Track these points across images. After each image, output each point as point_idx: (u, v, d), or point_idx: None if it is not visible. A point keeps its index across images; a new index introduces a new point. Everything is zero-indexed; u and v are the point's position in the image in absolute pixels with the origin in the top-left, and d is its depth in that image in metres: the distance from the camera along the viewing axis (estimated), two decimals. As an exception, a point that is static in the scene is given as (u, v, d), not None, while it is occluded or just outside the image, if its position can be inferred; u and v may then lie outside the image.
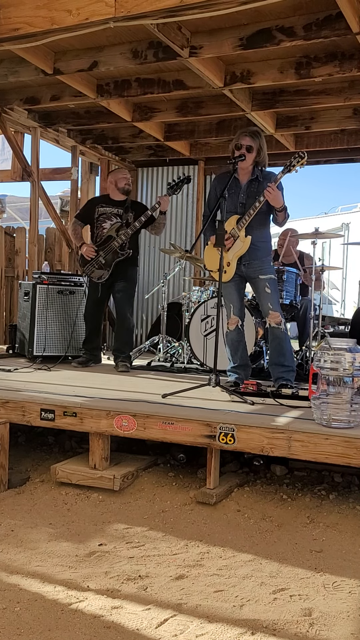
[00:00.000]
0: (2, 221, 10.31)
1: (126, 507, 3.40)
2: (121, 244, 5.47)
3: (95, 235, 5.65)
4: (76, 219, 5.85)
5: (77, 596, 2.40)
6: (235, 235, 4.38)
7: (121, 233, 5.47)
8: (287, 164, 4.31)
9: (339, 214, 15.62)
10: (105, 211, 5.63)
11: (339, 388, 3.33)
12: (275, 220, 4.48)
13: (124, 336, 5.71)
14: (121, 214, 5.60)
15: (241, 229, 4.37)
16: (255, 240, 4.40)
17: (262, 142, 4.41)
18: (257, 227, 4.41)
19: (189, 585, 2.53)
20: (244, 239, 4.37)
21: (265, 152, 4.44)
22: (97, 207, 5.66)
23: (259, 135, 4.43)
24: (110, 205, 5.64)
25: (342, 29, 4.35)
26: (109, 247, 5.49)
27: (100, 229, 5.60)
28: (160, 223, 5.60)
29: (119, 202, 5.65)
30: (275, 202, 4.26)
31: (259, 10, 4.29)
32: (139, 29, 4.59)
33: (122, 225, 5.52)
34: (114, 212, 5.61)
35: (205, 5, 3.75)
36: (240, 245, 4.39)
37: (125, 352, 5.71)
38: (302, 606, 2.36)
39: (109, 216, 5.61)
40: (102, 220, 5.61)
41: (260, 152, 4.40)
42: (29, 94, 6.36)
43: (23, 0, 4.03)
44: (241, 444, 3.37)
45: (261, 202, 4.29)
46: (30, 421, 3.91)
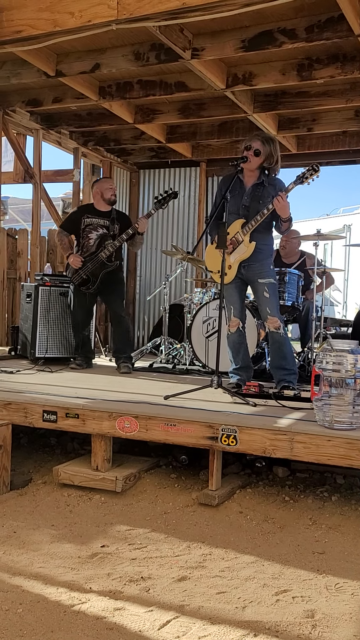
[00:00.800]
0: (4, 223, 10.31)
1: (128, 509, 3.40)
2: (108, 255, 5.52)
3: (82, 245, 5.67)
4: (62, 230, 5.86)
5: (79, 598, 2.40)
6: (239, 239, 4.38)
7: (108, 244, 5.51)
8: (300, 175, 4.30)
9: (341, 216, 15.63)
10: (91, 222, 5.65)
11: (341, 390, 3.33)
12: (279, 229, 4.47)
13: (122, 337, 5.75)
14: (107, 226, 5.64)
15: (246, 234, 4.36)
16: (256, 244, 4.40)
17: (274, 150, 4.37)
18: (260, 230, 4.40)
19: (191, 586, 2.53)
20: (249, 244, 4.37)
21: (277, 159, 4.40)
22: (83, 217, 5.68)
23: (271, 142, 4.39)
24: (97, 216, 5.67)
25: (344, 31, 4.36)
26: (96, 259, 5.53)
27: (87, 239, 5.62)
28: (138, 242, 5.69)
29: (105, 213, 5.68)
30: (282, 212, 4.25)
31: (261, 12, 4.29)
32: (141, 31, 4.59)
33: (108, 237, 5.57)
34: (100, 224, 5.64)
35: (207, 7, 3.76)
36: (244, 249, 4.39)
37: (126, 352, 5.73)
38: (304, 608, 2.35)
39: (95, 227, 5.63)
40: (89, 230, 5.64)
41: (270, 159, 4.37)
42: (31, 96, 6.38)
43: (26, 2, 4.04)
44: (243, 446, 3.37)
45: (269, 210, 4.28)
46: (32, 423, 3.91)
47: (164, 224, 8.62)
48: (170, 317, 6.96)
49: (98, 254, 5.51)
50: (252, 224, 4.33)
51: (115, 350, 5.82)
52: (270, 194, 4.37)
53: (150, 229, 8.66)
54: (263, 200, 4.36)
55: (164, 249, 8.28)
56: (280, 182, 4.45)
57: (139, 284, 8.83)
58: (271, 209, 4.28)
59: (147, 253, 8.74)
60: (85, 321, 5.80)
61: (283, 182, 4.45)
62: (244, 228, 4.36)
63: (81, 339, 5.84)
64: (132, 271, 8.81)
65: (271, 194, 4.36)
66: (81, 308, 5.74)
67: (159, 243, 8.62)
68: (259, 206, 4.36)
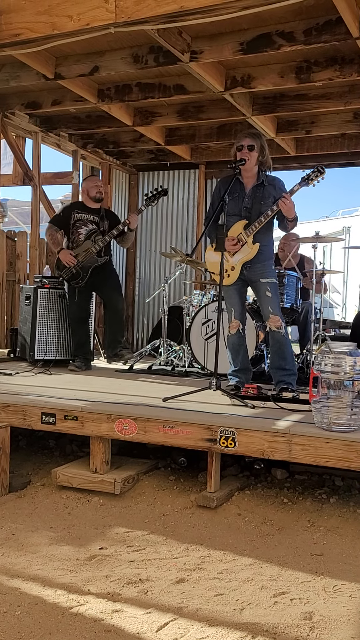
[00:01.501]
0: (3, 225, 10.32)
1: (127, 511, 3.40)
2: (99, 250, 5.59)
3: (72, 240, 5.75)
4: (52, 224, 5.90)
5: (77, 600, 2.40)
6: (243, 241, 4.39)
7: (99, 239, 5.60)
8: (305, 177, 4.32)
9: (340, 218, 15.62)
10: (81, 217, 5.74)
11: (339, 392, 3.33)
12: (285, 228, 4.49)
13: (119, 327, 5.85)
14: (97, 222, 5.72)
15: (249, 235, 4.37)
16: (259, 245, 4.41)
17: (263, 143, 4.41)
18: (262, 231, 4.40)
19: (189, 588, 2.53)
20: (252, 245, 4.38)
21: (267, 152, 4.44)
22: (73, 213, 5.76)
23: (259, 136, 4.44)
24: (86, 212, 5.77)
25: (342, 34, 4.37)
26: (86, 253, 5.59)
27: (77, 234, 5.71)
28: (129, 238, 5.81)
29: (94, 210, 5.78)
30: (288, 213, 4.27)
31: (259, 15, 4.30)
32: (140, 34, 4.60)
33: (98, 232, 5.65)
34: (90, 219, 5.74)
35: (205, 10, 3.76)
36: (247, 251, 4.39)
37: (121, 340, 5.83)
38: (302, 610, 2.36)
39: (85, 222, 5.73)
40: (78, 226, 5.72)
41: (264, 151, 4.39)
42: (30, 98, 6.39)
43: (24, 6, 4.05)
44: (242, 448, 3.37)
45: (274, 211, 4.29)
46: (31, 425, 3.92)
47: (163, 226, 8.62)
48: (169, 319, 6.96)
49: (88, 248, 5.57)
50: (255, 225, 4.34)
51: (113, 340, 5.86)
52: (271, 194, 4.38)
53: (149, 231, 8.68)
54: (264, 201, 4.37)
55: (163, 251, 8.28)
56: (280, 181, 4.47)
57: (138, 286, 8.84)
58: (276, 210, 4.28)
59: (146, 255, 8.75)
60: (79, 319, 5.81)
61: (283, 181, 4.46)
62: (248, 229, 4.37)
63: (79, 338, 5.84)
64: (131, 273, 8.81)
65: (272, 194, 4.38)
66: (75, 305, 5.78)
67: (158, 245, 8.63)
68: (261, 207, 4.37)
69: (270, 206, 4.32)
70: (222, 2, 3.62)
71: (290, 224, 4.38)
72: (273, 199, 4.36)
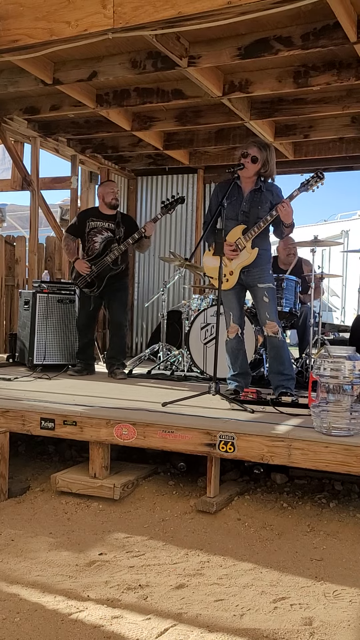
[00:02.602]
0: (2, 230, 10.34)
1: (126, 516, 3.39)
2: (114, 259, 5.54)
3: (87, 249, 5.69)
4: (68, 234, 5.87)
5: (77, 606, 2.40)
6: (241, 245, 4.39)
7: (114, 248, 5.53)
8: (304, 182, 4.33)
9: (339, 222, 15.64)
10: (96, 225, 5.67)
11: (338, 396, 3.33)
12: (280, 234, 4.49)
13: (119, 344, 5.80)
14: (113, 229, 5.65)
15: (248, 240, 4.37)
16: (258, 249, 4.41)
17: (270, 156, 4.39)
18: (260, 236, 4.41)
19: (189, 594, 2.52)
20: (251, 250, 4.38)
21: (272, 166, 4.42)
22: (88, 221, 5.70)
23: (267, 148, 4.41)
24: (101, 219, 5.68)
25: (339, 39, 4.38)
26: (101, 262, 5.55)
27: (92, 243, 5.65)
28: (145, 244, 5.73)
29: (110, 216, 5.70)
30: (286, 218, 4.29)
31: (257, 20, 4.31)
32: (138, 39, 4.62)
33: (114, 241, 5.58)
34: (105, 227, 5.66)
35: (203, 16, 3.76)
36: (246, 256, 4.40)
37: (121, 359, 5.79)
38: (302, 615, 2.35)
39: (100, 230, 5.65)
40: (94, 234, 5.65)
41: (267, 165, 4.38)
42: (28, 103, 6.40)
43: (22, 12, 4.06)
44: (241, 453, 3.37)
45: (273, 217, 4.29)
46: (30, 430, 3.91)
47: (162, 231, 8.63)
48: (168, 323, 6.96)
49: (104, 257, 5.52)
50: (254, 230, 4.34)
51: (111, 356, 5.84)
52: (268, 199, 4.39)
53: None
54: (262, 206, 4.38)
55: (162, 255, 8.29)
56: (277, 188, 4.48)
57: (137, 291, 8.84)
58: (275, 216, 4.29)
59: (145, 260, 8.75)
60: (86, 324, 5.80)
61: (280, 188, 4.48)
62: (246, 234, 4.37)
63: (83, 343, 5.84)
64: (130, 278, 8.81)
65: (269, 199, 4.39)
66: (85, 311, 5.76)
67: (156, 250, 8.63)
68: (259, 212, 4.37)
69: (268, 211, 4.33)
70: (219, 8, 3.63)
71: (287, 229, 4.39)
72: (270, 204, 4.37)
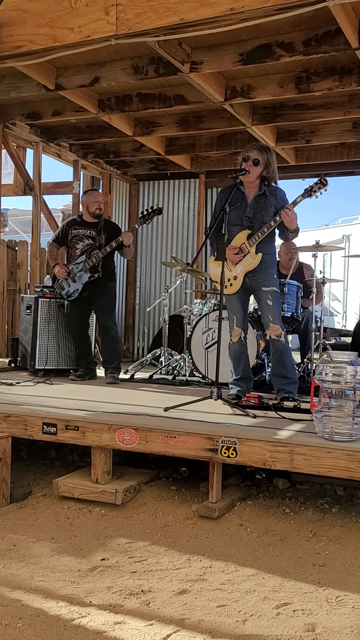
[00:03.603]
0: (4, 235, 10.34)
1: (128, 522, 3.39)
2: (92, 266, 5.58)
3: (70, 256, 5.78)
4: (52, 242, 5.94)
5: (79, 612, 2.40)
6: (245, 250, 4.40)
7: (93, 255, 5.58)
8: (308, 188, 4.33)
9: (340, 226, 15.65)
10: (78, 233, 5.74)
11: (340, 401, 3.33)
12: (286, 238, 4.51)
13: (108, 347, 5.80)
14: (94, 236, 5.69)
15: (252, 245, 4.38)
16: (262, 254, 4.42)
17: (270, 158, 4.41)
18: (264, 240, 4.41)
19: (191, 600, 2.52)
20: (255, 255, 4.39)
21: (274, 168, 4.44)
22: (71, 229, 5.76)
23: (267, 150, 4.43)
24: (83, 227, 5.74)
25: (341, 44, 4.40)
26: (80, 268, 5.61)
27: (74, 250, 5.73)
28: (127, 252, 5.77)
29: (92, 224, 5.75)
30: (290, 224, 4.30)
31: (259, 26, 4.33)
32: (140, 45, 4.63)
33: (94, 248, 5.62)
34: (87, 234, 5.72)
35: (205, 22, 3.78)
36: (250, 261, 4.41)
37: (114, 362, 5.77)
38: (305, 621, 2.35)
39: (81, 237, 5.72)
40: (75, 241, 5.73)
41: (269, 167, 4.40)
42: (31, 109, 6.42)
43: (26, 18, 4.08)
44: (243, 458, 3.37)
45: (277, 222, 4.30)
46: (32, 435, 3.91)
47: (164, 236, 8.64)
48: (170, 328, 6.97)
49: (82, 263, 5.58)
50: (258, 235, 4.35)
51: (104, 361, 5.88)
52: (272, 203, 4.40)
53: (150, 241, 8.70)
54: (266, 211, 4.39)
55: (164, 260, 8.30)
56: (281, 191, 4.48)
57: (139, 295, 8.85)
58: (278, 221, 4.30)
59: (146, 264, 8.76)
60: (80, 331, 5.83)
61: (284, 191, 4.48)
62: (250, 239, 4.38)
63: (80, 349, 5.86)
64: (131, 282, 8.83)
65: (273, 203, 4.40)
66: (74, 317, 5.81)
67: (158, 254, 8.64)
68: (263, 217, 4.38)
69: (273, 216, 4.34)
70: (221, 15, 3.65)
71: (292, 234, 4.41)
72: (274, 208, 4.38)
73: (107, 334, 5.74)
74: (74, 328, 5.83)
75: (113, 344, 5.78)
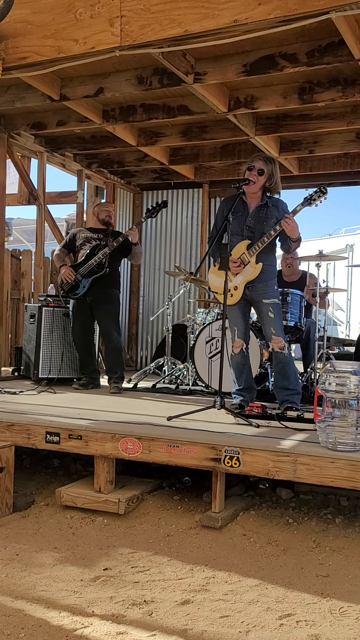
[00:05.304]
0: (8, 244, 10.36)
1: (131, 531, 3.38)
2: (98, 262, 5.64)
3: (76, 258, 5.86)
4: (61, 248, 6.04)
5: (82, 622, 2.39)
6: (245, 261, 4.41)
7: (100, 252, 5.66)
8: (307, 197, 4.35)
9: (343, 236, 15.64)
10: (86, 236, 5.87)
11: (344, 411, 3.32)
12: (288, 249, 4.52)
13: (111, 356, 5.82)
14: (101, 239, 5.80)
15: (252, 255, 4.39)
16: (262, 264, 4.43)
17: (274, 169, 4.44)
18: (265, 251, 4.43)
19: (194, 610, 2.51)
20: (255, 265, 4.40)
21: (277, 179, 4.47)
22: (79, 234, 5.91)
23: (272, 162, 4.47)
24: (91, 232, 5.89)
25: (344, 55, 4.42)
26: (87, 265, 5.68)
27: (81, 252, 5.81)
28: (136, 252, 5.88)
29: (100, 230, 5.88)
30: (292, 233, 4.31)
31: (262, 38, 4.35)
32: (144, 56, 4.66)
33: (100, 246, 5.72)
34: (94, 237, 5.83)
35: (209, 34, 3.80)
36: (250, 271, 4.42)
37: (117, 372, 5.76)
38: (308, 632, 2.34)
39: (88, 240, 5.83)
40: (82, 244, 5.84)
41: (272, 179, 4.42)
42: (35, 119, 6.45)
43: (31, 30, 4.11)
44: (246, 467, 3.36)
45: (277, 231, 4.32)
46: (35, 444, 3.91)
47: (167, 245, 8.67)
48: (173, 337, 6.97)
49: (88, 260, 5.65)
50: (258, 245, 4.36)
51: (107, 370, 5.88)
52: (274, 214, 4.41)
53: (153, 250, 8.72)
54: (267, 222, 4.40)
55: (167, 269, 8.32)
56: (282, 203, 4.50)
57: (142, 305, 8.86)
58: (278, 230, 4.32)
59: (150, 273, 8.78)
60: (82, 338, 5.83)
61: (286, 203, 4.50)
62: (250, 249, 4.39)
63: (83, 357, 5.87)
64: (135, 292, 8.84)
65: (274, 214, 4.41)
66: (78, 323, 5.82)
67: (161, 264, 8.66)
68: (264, 227, 4.39)
69: (273, 226, 4.35)
70: (225, 27, 3.67)
71: (294, 244, 4.42)
72: (275, 219, 4.39)
73: (111, 342, 5.74)
74: (77, 335, 5.84)
75: (117, 354, 5.79)
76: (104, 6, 3.91)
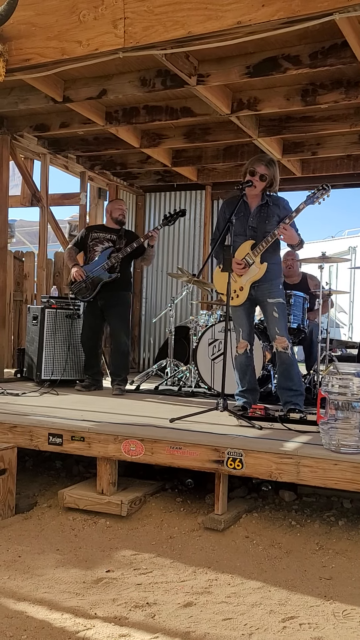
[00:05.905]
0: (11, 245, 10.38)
1: (134, 533, 3.38)
2: (111, 266, 5.61)
3: (88, 258, 5.82)
4: (72, 246, 6.01)
5: (84, 624, 2.38)
6: (250, 261, 4.41)
7: (112, 256, 5.62)
8: (310, 195, 4.36)
9: (346, 238, 15.63)
10: (98, 236, 5.82)
11: (347, 413, 3.31)
12: (292, 246, 4.57)
13: (119, 360, 5.80)
14: (114, 240, 5.76)
15: (257, 255, 4.40)
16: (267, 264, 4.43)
17: (275, 172, 4.45)
18: (269, 250, 4.43)
19: (197, 613, 2.50)
20: (260, 265, 4.40)
21: (277, 181, 4.48)
22: (91, 233, 5.86)
23: (274, 164, 4.47)
24: (104, 232, 5.84)
25: (347, 57, 4.42)
26: (97, 269, 5.64)
27: (93, 252, 5.77)
28: (149, 255, 5.85)
29: (113, 230, 5.84)
30: (290, 240, 4.37)
31: (265, 40, 4.35)
32: (148, 57, 4.66)
33: (113, 250, 5.68)
34: (107, 237, 5.79)
35: (212, 36, 3.80)
36: (255, 271, 4.42)
37: (121, 375, 5.77)
38: (311, 635, 2.33)
39: (101, 240, 5.79)
40: (95, 244, 5.79)
41: (273, 183, 4.44)
42: (38, 121, 6.46)
43: (34, 32, 4.11)
44: (249, 470, 3.36)
45: (276, 235, 4.34)
46: (38, 446, 3.91)
47: (170, 247, 8.67)
48: (176, 339, 6.96)
49: (101, 264, 5.62)
50: (262, 245, 4.37)
51: (111, 372, 5.88)
52: (275, 212, 4.42)
53: (157, 252, 8.71)
54: (269, 220, 4.41)
55: (170, 271, 8.32)
56: (283, 200, 4.51)
57: (145, 306, 8.86)
58: (276, 236, 4.33)
59: (152, 275, 8.78)
60: (91, 340, 5.82)
61: (287, 201, 4.51)
62: (255, 249, 4.40)
63: (89, 358, 5.86)
64: (137, 293, 8.84)
65: (276, 212, 4.43)
66: (87, 325, 5.81)
67: (164, 265, 8.66)
68: (266, 226, 4.40)
69: (276, 225, 4.36)
70: (228, 28, 3.66)
71: (296, 248, 4.46)
72: (277, 217, 4.40)
73: (119, 345, 5.74)
74: (85, 337, 5.83)
75: (123, 357, 5.79)
76: (107, 8, 3.91)
